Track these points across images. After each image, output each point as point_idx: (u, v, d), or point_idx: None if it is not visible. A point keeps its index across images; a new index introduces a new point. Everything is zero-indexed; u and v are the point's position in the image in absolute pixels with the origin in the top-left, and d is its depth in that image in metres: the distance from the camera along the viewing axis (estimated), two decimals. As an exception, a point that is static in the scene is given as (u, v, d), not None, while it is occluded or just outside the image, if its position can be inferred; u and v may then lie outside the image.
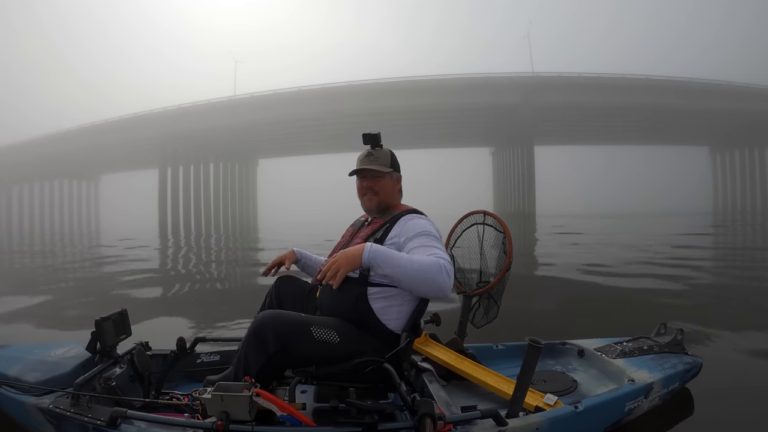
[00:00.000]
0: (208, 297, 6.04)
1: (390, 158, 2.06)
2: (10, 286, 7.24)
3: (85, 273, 8.66)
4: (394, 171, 2.07)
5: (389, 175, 2.05)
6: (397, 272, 1.65)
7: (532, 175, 54.21)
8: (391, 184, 2.06)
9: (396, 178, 2.09)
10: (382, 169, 2.02)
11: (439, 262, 1.66)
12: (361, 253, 1.66)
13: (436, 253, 1.72)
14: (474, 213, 2.84)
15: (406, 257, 1.68)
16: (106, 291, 6.34)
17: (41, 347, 2.31)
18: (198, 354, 2.38)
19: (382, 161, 2.04)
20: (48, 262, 9.37)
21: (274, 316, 1.76)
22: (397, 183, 2.10)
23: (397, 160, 2.12)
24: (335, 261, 1.67)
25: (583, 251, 10.83)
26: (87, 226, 48.43)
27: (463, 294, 2.73)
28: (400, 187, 2.13)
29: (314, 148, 67.00)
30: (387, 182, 2.05)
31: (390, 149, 2.10)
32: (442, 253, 1.74)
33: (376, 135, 2.04)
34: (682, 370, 2.28)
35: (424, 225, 1.88)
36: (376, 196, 2.04)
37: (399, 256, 1.68)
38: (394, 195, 2.09)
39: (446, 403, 1.91)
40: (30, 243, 18.78)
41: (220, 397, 1.57)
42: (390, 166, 2.05)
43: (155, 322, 4.34)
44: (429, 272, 1.64)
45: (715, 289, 6.04)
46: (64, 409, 1.75)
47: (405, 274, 1.65)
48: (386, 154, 2.06)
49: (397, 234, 1.88)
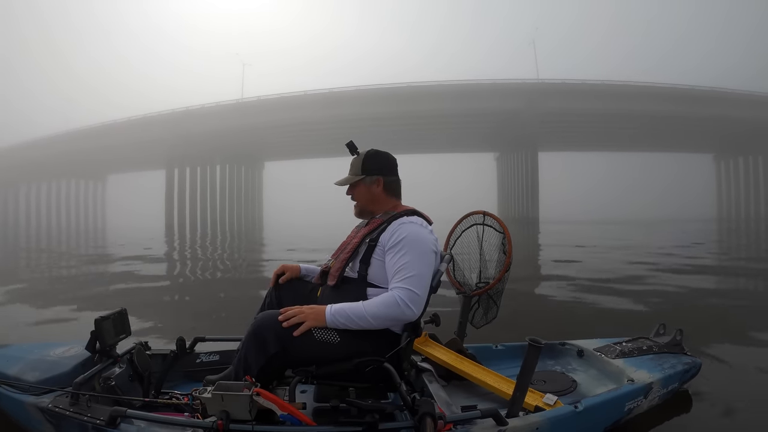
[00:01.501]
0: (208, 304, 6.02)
1: (361, 163, 2.03)
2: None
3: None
4: (368, 175, 2.02)
5: (361, 182, 2.03)
6: (361, 325, 1.75)
7: (536, 181, 54.10)
8: (366, 189, 2.03)
9: (371, 182, 2.02)
10: (349, 181, 2.04)
11: (395, 298, 1.74)
12: (323, 316, 1.76)
13: (402, 283, 1.77)
14: (473, 213, 2.83)
15: (363, 312, 1.75)
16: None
17: (41, 346, 2.30)
18: (197, 354, 2.38)
19: (354, 170, 2.04)
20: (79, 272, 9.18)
21: (274, 316, 1.77)
22: (377, 185, 2.03)
23: (380, 159, 2.05)
24: (302, 312, 1.76)
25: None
26: (93, 226, 48.51)
27: (462, 294, 2.73)
28: (391, 187, 2.05)
29: (319, 151, 66.97)
30: (361, 189, 2.04)
31: (371, 150, 2.06)
32: (409, 281, 1.78)
33: (349, 144, 2.07)
34: (681, 371, 2.28)
35: (409, 231, 1.87)
36: (356, 204, 2.07)
37: (357, 312, 1.75)
38: (377, 198, 2.04)
39: (446, 402, 1.91)
40: (52, 245, 18.70)
41: (221, 396, 1.56)
42: (363, 171, 2.02)
43: (155, 322, 4.34)
44: (388, 316, 1.75)
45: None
46: (63, 408, 1.75)
47: (368, 326, 1.75)
48: (358, 160, 2.04)
49: (387, 237, 1.88)
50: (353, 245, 1.95)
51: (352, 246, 1.95)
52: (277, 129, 54.98)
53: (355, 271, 1.90)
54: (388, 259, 1.84)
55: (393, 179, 2.07)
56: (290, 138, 58.96)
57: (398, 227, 1.88)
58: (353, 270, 1.91)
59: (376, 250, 1.89)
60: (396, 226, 1.89)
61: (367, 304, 1.77)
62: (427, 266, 1.84)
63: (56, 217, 76.46)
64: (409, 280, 1.77)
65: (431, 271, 1.88)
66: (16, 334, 3.84)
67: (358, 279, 1.88)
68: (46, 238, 22.75)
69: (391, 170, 2.07)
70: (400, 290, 1.75)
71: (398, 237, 1.85)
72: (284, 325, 1.73)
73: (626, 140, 61.07)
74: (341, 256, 1.97)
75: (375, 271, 1.88)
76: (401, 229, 1.87)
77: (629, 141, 61.49)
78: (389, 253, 1.84)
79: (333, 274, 1.96)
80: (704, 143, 61.37)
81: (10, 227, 38.92)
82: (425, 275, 1.83)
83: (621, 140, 61.83)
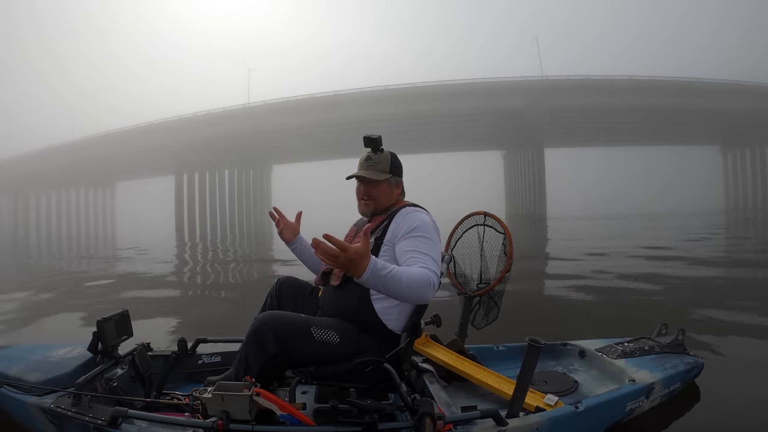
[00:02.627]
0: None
1: (390, 163, 2.01)
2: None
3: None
4: (394, 176, 2.02)
5: (387, 182, 2.01)
6: (390, 291, 1.59)
7: (542, 178, 54.29)
8: (389, 190, 2.02)
9: (395, 183, 2.04)
10: (379, 177, 1.98)
11: (429, 277, 1.64)
12: (361, 272, 1.51)
13: (425, 263, 1.70)
14: (474, 214, 2.82)
15: (397, 277, 1.56)
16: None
17: (43, 348, 2.32)
18: (199, 355, 2.39)
19: (381, 166, 2.00)
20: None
21: (274, 316, 1.77)
22: (397, 187, 2.04)
23: (399, 162, 2.07)
24: (338, 257, 1.48)
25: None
26: (103, 233, 48.89)
27: (463, 295, 2.72)
28: (402, 189, 2.08)
29: (324, 153, 67.49)
30: (384, 188, 2.01)
31: (391, 152, 2.05)
32: (431, 263, 1.72)
33: (377, 139, 1.98)
34: (683, 371, 2.28)
35: (420, 219, 1.86)
36: (372, 202, 2.01)
37: (393, 277, 1.55)
38: (392, 198, 2.04)
39: (446, 403, 1.91)
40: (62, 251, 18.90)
41: (221, 396, 1.57)
42: (389, 170, 2.01)
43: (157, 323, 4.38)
44: (419, 291, 1.61)
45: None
46: (65, 408, 1.76)
47: (397, 292, 1.59)
48: (386, 158, 2.01)
49: (395, 230, 1.86)
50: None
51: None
52: (283, 132, 55.63)
53: None
54: (402, 244, 1.80)
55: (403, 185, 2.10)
56: (297, 140, 59.58)
57: (411, 214, 1.88)
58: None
59: (382, 248, 1.87)
60: (405, 214, 1.89)
61: (405, 271, 1.61)
62: (439, 255, 1.83)
63: (66, 226, 77.06)
64: (434, 265, 1.73)
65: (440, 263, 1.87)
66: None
67: None
68: (56, 246, 22.89)
69: (402, 173, 2.09)
70: (431, 272, 1.67)
71: (413, 224, 1.83)
72: (318, 255, 1.51)
73: (628, 135, 61.23)
74: None
75: None
76: (414, 216, 1.87)
77: (631, 135, 61.61)
78: (403, 239, 1.81)
79: (337, 273, 1.94)
80: (707, 135, 61.29)
81: (20, 236, 39.24)
82: (439, 263, 1.80)
83: (623, 135, 62.00)
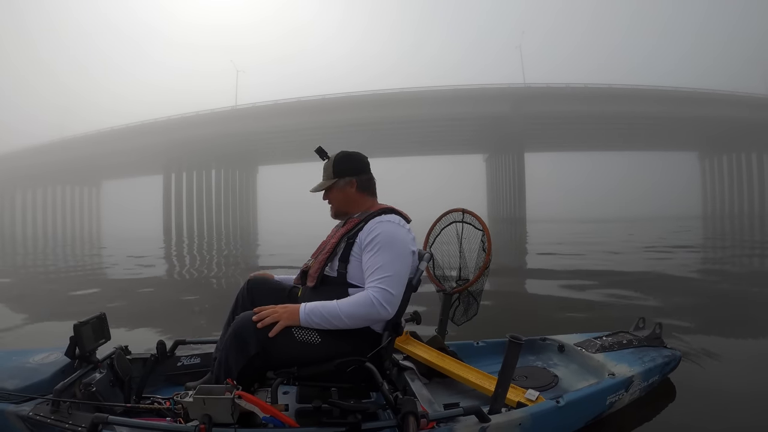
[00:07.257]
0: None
1: (332, 168, 2.03)
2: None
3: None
4: (340, 178, 2.02)
5: (334, 185, 2.03)
6: (335, 325, 1.76)
7: (522, 182, 55.39)
8: (341, 192, 2.03)
9: (345, 184, 2.02)
10: (324, 186, 2.04)
11: (369, 298, 1.75)
12: (298, 317, 1.76)
13: (377, 282, 1.78)
14: (453, 211, 2.82)
15: (337, 311, 1.75)
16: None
17: (19, 353, 2.26)
18: (178, 357, 2.36)
19: (326, 174, 2.05)
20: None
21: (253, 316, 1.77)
22: (350, 186, 2.03)
23: (349, 160, 2.05)
24: (276, 311, 1.75)
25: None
26: (89, 231, 48.37)
27: (443, 292, 2.74)
28: (365, 186, 2.05)
29: (312, 155, 67.39)
30: (335, 192, 2.04)
31: (340, 153, 2.07)
32: (385, 280, 1.78)
33: (318, 149, 2.10)
34: (661, 363, 2.32)
35: (382, 229, 1.87)
36: (332, 207, 2.08)
37: (331, 312, 1.75)
38: (352, 199, 2.03)
39: (429, 400, 1.92)
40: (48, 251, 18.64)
41: (202, 400, 1.55)
42: (333, 175, 2.03)
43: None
44: (363, 315, 1.76)
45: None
46: (44, 416, 1.72)
47: (343, 325, 1.76)
48: (329, 164, 2.05)
49: (362, 238, 1.88)
50: (332, 245, 1.94)
51: (331, 245, 1.94)
52: (268, 134, 56.42)
53: (335, 270, 1.89)
54: (365, 258, 1.85)
55: (366, 178, 2.05)
56: (282, 143, 60.20)
57: (374, 226, 1.88)
58: (332, 269, 1.90)
59: (354, 249, 1.88)
60: (372, 224, 1.89)
61: (341, 303, 1.77)
62: (403, 265, 1.85)
63: (51, 223, 76.30)
64: (384, 280, 1.77)
65: (407, 270, 1.88)
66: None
67: (338, 279, 1.87)
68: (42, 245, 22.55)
69: (363, 170, 2.06)
70: (375, 290, 1.75)
71: (374, 236, 1.85)
72: (259, 326, 1.71)
73: (608, 140, 62.92)
74: (320, 256, 1.96)
75: (354, 270, 1.87)
76: (377, 227, 1.87)
77: (612, 141, 63.37)
78: (365, 252, 1.85)
79: (312, 274, 1.95)
80: (687, 142, 62.88)
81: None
82: (401, 275, 1.83)
83: (603, 140, 63.61)
